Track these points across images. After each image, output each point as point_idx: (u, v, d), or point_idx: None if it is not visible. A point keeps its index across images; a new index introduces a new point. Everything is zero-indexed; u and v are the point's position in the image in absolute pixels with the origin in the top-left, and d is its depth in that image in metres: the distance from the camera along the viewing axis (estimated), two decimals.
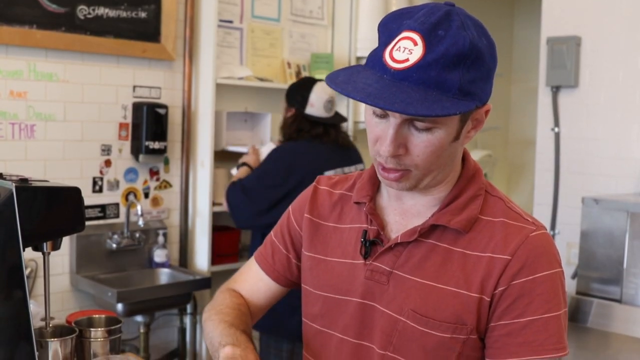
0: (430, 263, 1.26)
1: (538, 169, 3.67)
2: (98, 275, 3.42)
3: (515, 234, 1.23)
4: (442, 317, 1.23)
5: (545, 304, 1.20)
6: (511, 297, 1.20)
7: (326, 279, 1.38)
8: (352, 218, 1.39)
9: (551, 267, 1.22)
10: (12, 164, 3.13)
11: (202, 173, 3.71)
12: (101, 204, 3.50)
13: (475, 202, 1.28)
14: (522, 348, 1.20)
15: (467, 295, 1.22)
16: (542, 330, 1.20)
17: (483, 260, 1.23)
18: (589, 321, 2.95)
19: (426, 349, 1.24)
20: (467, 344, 1.23)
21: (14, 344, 1.57)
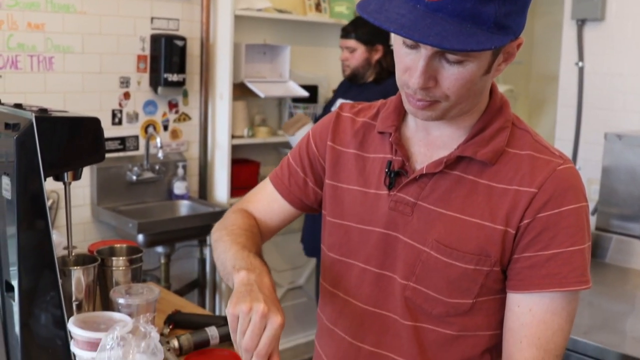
0: (455, 195, 1.25)
1: (560, 104, 3.62)
2: (119, 207, 3.46)
3: (542, 167, 1.21)
4: (467, 248, 1.22)
5: (570, 238, 1.19)
6: (536, 229, 1.19)
7: (348, 208, 1.38)
8: (376, 148, 1.37)
9: (577, 200, 1.20)
10: (32, 96, 3.13)
11: (221, 105, 3.70)
12: (121, 136, 3.51)
13: (502, 135, 1.26)
14: (545, 280, 1.20)
15: (492, 228, 1.21)
16: (566, 263, 1.19)
17: (509, 193, 1.21)
18: (608, 257, 2.95)
19: (449, 280, 1.24)
20: (490, 276, 1.23)
21: (37, 272, 1.59)
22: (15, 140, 1.52)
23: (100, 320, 1.65)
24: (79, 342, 1.57)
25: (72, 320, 1.60)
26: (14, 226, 1.56)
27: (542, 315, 1.21)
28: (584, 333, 2.21)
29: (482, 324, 1.28)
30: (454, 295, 1.25)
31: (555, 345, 1.21)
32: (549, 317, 1.21)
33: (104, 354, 1.42)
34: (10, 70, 3.10)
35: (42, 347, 1.62)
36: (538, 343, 1.21)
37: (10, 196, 1.56)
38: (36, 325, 1.60)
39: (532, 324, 1.21)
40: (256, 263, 1.27)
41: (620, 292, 2.65)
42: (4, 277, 1.64)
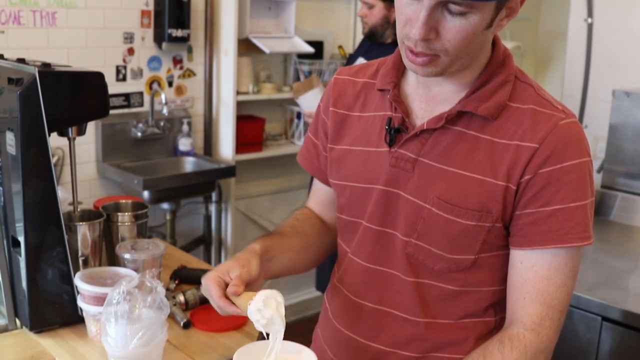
0: (456, 150, 1.23)
1: (568, 61, 3.58)
2: (124, 164, 3.46)
3: (544, 122, 1.19)
4: (468, 204, 1.21)
5: (572, 193, 1.17)
6: (538, 185, 1.18)
7: (351, 168, 1.36)
8: (376, 106, 1.35)
9: (580, 156, 1.18)
10: (34, 52, 3.11)
11: (226, 61, 3.67)
12: (125, 92, 3.50)
13: (504, 89, 1.23)
14: (546, 236, 1.19)
15: (493, 184, 1.19)
16: (568, 219, 1.18)
17: (510, 148, 1.19)
18: (613, 214, 2.95)
19: (450, 237, 1.23)
20: (492, 232, 1.22)
21: (43, 228, 1.60)
22: (19, 95, 1.51)
23: (106, 275, 1.66)
24: (86, 297, 1.58)
25: (79, 275, 1.62)
26: (19, 182, 1.56)
27: (545, 272, 1.20)
28: (587, 290, 2.22)
29: (484, 279, 1.28)
30: (456, 251, 1.25)
31: (559, 301, 1.21)
32: (552, 274, 1.20)
33: (110, 308, 1.44)
34: (13, 26, 3.07)
35: (49, 302, 1.63)
36: (542, 299, 1.21)
37: (14, 152, 1.56)
38: (43, 281, 1.62)
39: (535, 280, 1.21)
40: (250, 248, 1.33)
41: (624, 249, 2.66)
42: (10, 233, 1.65)
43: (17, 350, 1.57)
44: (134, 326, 1.43)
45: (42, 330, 1.64)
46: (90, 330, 1.61)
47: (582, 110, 3.50)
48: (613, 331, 2.13)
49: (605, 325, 2.14)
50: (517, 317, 1.24)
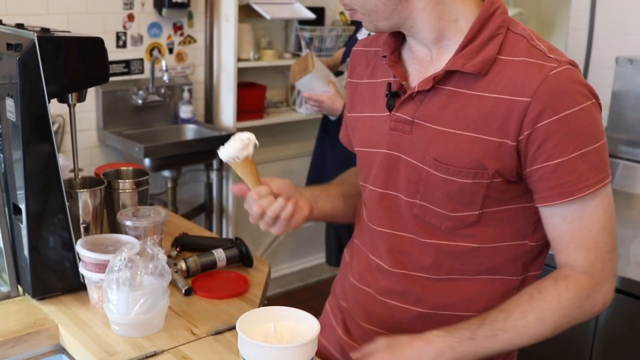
0: (449, 110, 1.22)
1: (572, 27, 3.55)
2: (125, 131, 3.45)
3: (535, 74, 1.16)
4: (463, 163, 1.21)
5: (572, 143, 1.16)
6: (538, 140, 1.16)
7: (361, 134, 1.39)
8: (382, 72, 1.37)
9: (575, 104, 1.15)
10: (34, 18, 3.08)
11: (227, 28, 3.64)
12: (125, 59, 3.47)
13: (493, 43, 1.20)
14: (554, 192, 1.18)
15: (487, 140, 1.19)
16: (571, 171, 1.17)
17: (502, 103, 1.17)
18: (614, 182, 2.94)
19: (450, 195, 1.24)
20: (492, 187, 1.22)
21: (44, 195, 1.60)
22: (18, 60, 1.50)
23: (107, 242, 1.66)
24: (87, 264, 1.59)
25: (80, 243, 1.62)
26: (19, 149, 1.55)
27: (578, 221, 1.20)
28: None
29: (495, 234, 1.27)
30: (458, 209, 1.25)
31: (604, 243, 1.21)
32: (586, 221, 1.20)
33: (112, 275, 1.44)
34: None
35: (51, 269, 1.64)
36: (585, 245, 1.21)
37: (14, 118, 1.55)
38: (45, 248, 1.62)
39: (572, 231, 1.21)
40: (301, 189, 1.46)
41: (625, 217, 2.66)
42: (12, 201, 1.64)
43: (20, 317, 1.58)
44: (135, 293, 1.43)
45: (45, 297, 1.64)
46: (92, 297, 1.61)
47: (585, 77, 3.48)
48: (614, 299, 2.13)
49: None
50: (566, 263, 1.24)
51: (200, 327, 1.55)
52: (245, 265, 1.88)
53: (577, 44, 3.50)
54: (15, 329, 1.52)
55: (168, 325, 1.53)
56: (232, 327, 1.50)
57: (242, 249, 1.87)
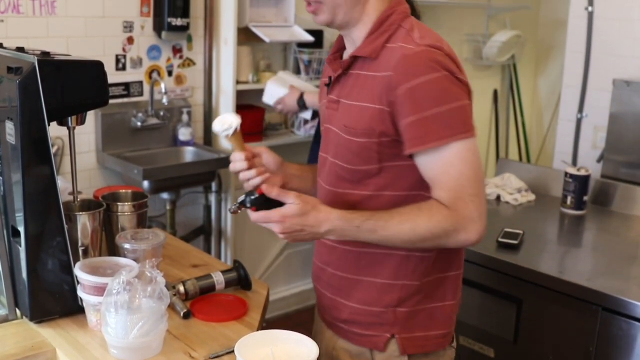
0: (355, 88, 1.57)
1: (569, 50, 3.57)
2: (124, 154, 3.46)
3: (398, 53, 1.48)
4: (360, 127, 1.53)
5: (420, 107, 1.44)
6: (397, 104, 1.46)
7: (321, 118, 1.76)
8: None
9: (423, 75, 1.44)
10: (34, 41, 3.10)
11: (226, 51, 3.66)
12: (125, 82, 3.49)
13: (384, 35, 1.53)
14: (411, 143, 1.47)
15: (372, 108, 1.51)
16: (421, 127, 1.45)
17: (380, 79, 1.50)
18: (613, 204, 2.94)
19: (353, 152, 1.55)
20: (383, 145, 1.51)
21: (43, 218, 1.60)
22: (18, 84, 1.51)
23: (106, 265, 1.66)
24: (86, 287, 1.58)
25: (79, 266, 1.62)
26: (19, 172, 1.56)
27: (440, 169, 1.47)
28: (587, 280, 2.22)
29: (390, 184, 1.55)
30: (361, 163, 1.55)
31: (463, 187, 1.46)
32: (447, 168, 1.46)
33: (110, 298, 1.44)
34: (12, 15, 3.06)
35: (50, 292, 1.63)
36: (447, 187, 1.47)
37: (14, 141, 1.56)
38: (43, 271, 1.61)
39: (437, 176, 1.48)
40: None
41: (624, 239, 2.66)
42: (11, 223, 1.64)
43: (18, 340, 1.57)
44: (134, 316, 1.43)
45: (43, 320, 1.64)
46: (91, 320, 1.61)
47: (583, 99, 3.50)
48: (613, 321, 2.13)
49: (605, 315, 2.14)
50: (437, 199, 1.49)
51: (198, 350, 1.54)
52: (244, 288, 1.87)
53: (575, 66, 3.52)
54: (13, 353, 1.51)
55: (166, 349, 1.53)
56: (231, 351, 1.49)
57: (241, 272, 1.87)
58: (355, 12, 1.56)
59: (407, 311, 1.60)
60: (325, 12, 1.56)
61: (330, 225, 1.48)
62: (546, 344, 2.32)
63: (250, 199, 1.48)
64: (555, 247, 2.67)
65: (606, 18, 3.38)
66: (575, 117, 3.54)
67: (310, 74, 3.97)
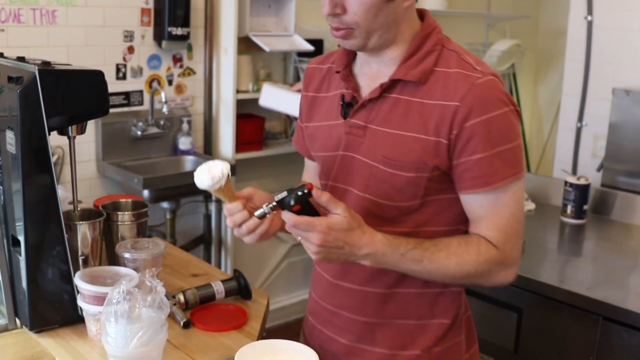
0: (395, 114, 1.42)
1: (568, 59, 3.58)
2: (124, 162, 3.46)
3: (463, 82, 1.36)
4: (407, 160, 1.40)
5: (490, 142, 1.35)
6: (463, 138, 1.35)
7: (321, 141, 1.56)
8: (336, 86, 1.55)
9: (495, 109, 1.35)
10: (34, 50, 3.10)
11: (226, 60, 3.67)
12: (125, 91, 3.49)
13: (431, 56, 1.41)
14: (474, 182, 1.38)
15: (426, 140, 1.38)
16: (489, 165, 1.36)
17: (437, 108, 1.37)
18: (613, 213, 2.95)
19: (396, 188, 1.42)
20: (432, 180, 1.40)
21: (43, 227, 1.60)
22: (19, 93, 1.51)
23: (106, 274, 1.66)
24: (86, 297, 1.58)
25: (79, 275, 1.62)
26: (19, 181, 1.56)
27: (492, 209, 1.39)
28: (587, 289, 2.22)
29: (429, 220, 1.45)
30: (402, 199, 1.43)
31: (513, 228, 1.41)
32: (499, 208, 1.39)
33: (110, 308, 1.44)
34: (13, 24, 3.07)
35: (49, 302, 1.63)
36: (497, 228, 1.40)
37: (14, 151, 1.56)
38: (43, 280, 1.61)
39: (487, 216, 1.40)
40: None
41: (624, 248, 2.66)
42: (11, 232, 1.64)
43: (17, 350, 1.57)
44: (134, 326, 1.43)
45: (42, 329, 1.63)
46: (90, 329, 1.61)
47: (582, 108, 3.50)
48: (613, 330, 2.13)
49: (605, 324, 2.14)
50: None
51: None
52: (243, 297, 1.87)
53: (574, 75, 3.53)
54: None
55: (166, 358, 1.53)
56: None
57: (241, 281, 1.87)
58: (390, 33, 1.41)
59: (442, 349, 1.52)
60: (357, 37, 1.39)
61: (371, 249, 1.34)
62: (546, 353, 2.31)
63: (297, 195, 1.29)
64: (555, 256, 2.67)
65: (605, 27, 3.39)
66: (575, 125, 3.55)
67: None
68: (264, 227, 1.41)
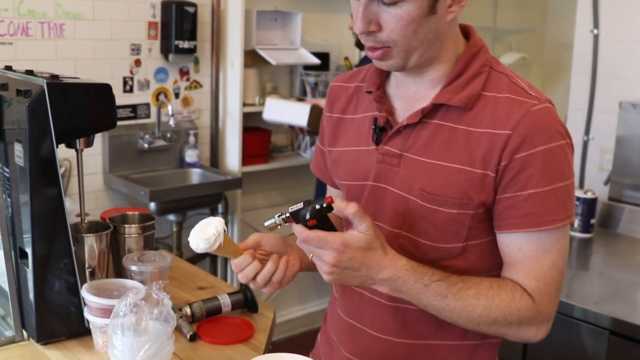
0: (436, 143, 1.26)
1: (574, 73, 3.58)
2: (131, 175, 3.47)
3: (517, 109, 1.21)
4: (449, 194, 1.24)
5: (546, 177, 1.20)
6: (513, 171, 1.20)
7: (347, 168, 1.41)
8: (366, 107, 1.40)
9: (552, 140, 1.20)
10: (42, 63, 3.12)
11: (233, 73, 3.68)
12: (132, 104, 3.51)
13: (478, 79, 1.26)
14: (522, 220, 1.22)
15: (471, 172, 1.23)
16: (542, 202, 1.20)
17: (486, 136, 1.22)
18: (620, 227, 2.94)
19: (436, 225, 1.26)
20: (476, 218, 1.25)
21: (51, 239, 1.60)
22: (27, 106, 1.52)
23: (113, 287, 1.66)
24: (93, 309, 1.58)
25: (86, 287, 1.62)
26: (27, 193, 1.56)
27: (533, 253, 1.23)
28: (595, 303, 2.21)
29: (471, 267, 1.30)
30: (443, 240, 1.28)
31: (553, 280, 1.24)
32: (541, 254, 1.23)
33: (117, 320, 1.43)
34: (21, 37, 3.09)
35: (56, 314, 1.63)
36: (536, 276, 1.24)
37: (22, 163, 1.56)
38: (50, 292, 1.61)
39: (525, 261, 1.24)
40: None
41: (632, 262, 2.65)
42: (18, 244, 1.65)
43: None
44: (140, 338, 1.42)
45: (49, 342, 1.63)
46: (97, 342, 1.61)
47: (589, 122, 3.50)
48: (621, 345, 2.11)
49: (614, 339, 2.13)
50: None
51: None
52: (250, 310, 1.87)
53: (580, 88, 3.53)
54: None
55: None
56: None
57: (247, 295, 1.86)
58: (431, 51, 1.25)
59: None
60: (395, 57, 1.24)
61: (392, 273, 1.20)
62: None
63: (314, 208, 1.16)
64: None
65: (611, 40, 3.38)
66: (582, 139, 3.54)
67: (316, 96, 3.98)
68: (279, 274, 1.32)
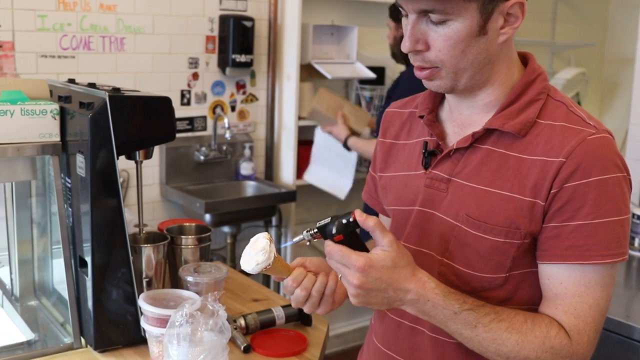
0: (486, 168, 1.24)
1: (636, 88, 3.50)
2: (187, 187, 3.51)
3: (572, 137, 1.17)
4: (495, 221, 1.20)
5: (597, 209, 1.15)
6: (562, 199, 1.16)
7: (395, 193, 1.39)
8: (418, 133, 1.39)
9: (607, 171, 1.15)
10: (103, 76, 3.19)
11: (288, 86, 3.70)
12: (189, 116, 3.56)
13: (534, 106, 1.23)
14: (568, 252, 1.17)
15: (520, 200, 1.19)
16: (591, 235, 1.15)
17: (538, 164, 1.18)
18: None
19: (480, 253, 1.23)
20: (521, 249, 1.21)
21: (110, 249, 1.63)
22: (90, 118, 1.55)
23: (169, 297, 1.68)
24: (149, 318, 1.60)
25: (143, 297, 1.64)
26: (87, 203, 1.59)
27: (574, 288, 1.18)
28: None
29: (510, 298, 1.25)
30: (486, 269, 1.24)
31: (593, 320, 1.18)
32: (583, 291, 1.18)
33: (173, 330, 1.45)
34: (83, 51, 3.16)
35: (113, 322, 1.66)
36: (575, 313, 1.18)
37: (84, 174, 1.60)
38: (108, 301, 1.64)
39: (565, 296, 1.19)
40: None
41: None
42: (78, 253, 1.68)
43: None
44: (195, 349, 1.44)
45: (106, 349, 1.66)
46: (153, 351, 1.62)
47: None
48: None
49: None
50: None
51: None
52: (304, 323, 1.87)
53: None
54: None
55: None
56: None
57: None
58: (482, 74, 1.23)
59: None
60: (444, 78, 1.22)
61: (420, 295, 1.16)
62: None
63: (340, 223, 1.13)
64: (621, 290, 2.59)
65: None
66: None
67: (371, 110, 3.97)
68: (332, 285, 1.28)
